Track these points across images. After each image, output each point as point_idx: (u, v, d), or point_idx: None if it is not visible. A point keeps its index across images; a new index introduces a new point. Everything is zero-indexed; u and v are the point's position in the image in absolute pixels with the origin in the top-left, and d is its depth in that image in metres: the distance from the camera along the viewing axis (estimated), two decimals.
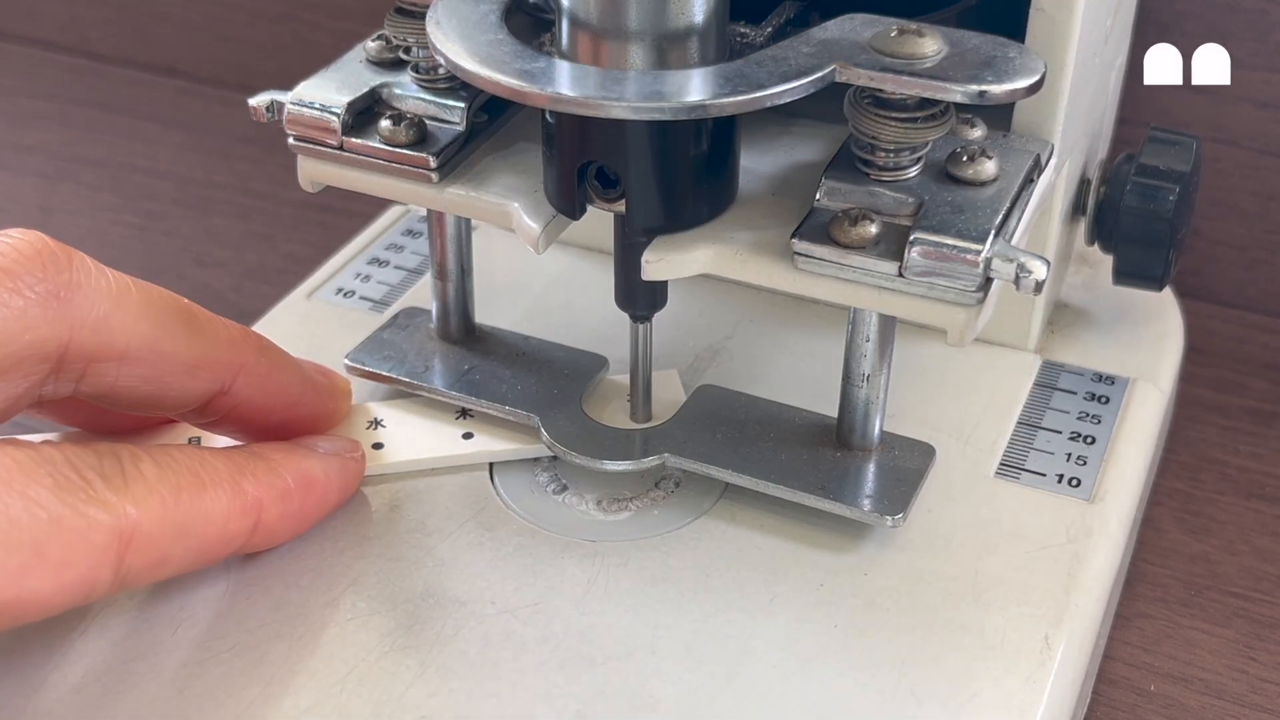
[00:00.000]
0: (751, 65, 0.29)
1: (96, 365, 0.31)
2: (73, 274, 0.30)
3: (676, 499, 0.35)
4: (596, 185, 0.32)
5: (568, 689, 0.30)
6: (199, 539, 0.30)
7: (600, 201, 0.32)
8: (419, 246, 0.45)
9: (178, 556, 0.29)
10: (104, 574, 0.28)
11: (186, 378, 0.32)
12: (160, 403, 0.32)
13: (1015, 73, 0.29)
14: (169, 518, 0.29)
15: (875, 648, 0.31)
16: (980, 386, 0.39)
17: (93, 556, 0.27)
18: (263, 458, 0.32)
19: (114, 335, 0.31)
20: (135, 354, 0.31)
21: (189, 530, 0.29)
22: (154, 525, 0.28)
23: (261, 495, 0.31)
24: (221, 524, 0.30)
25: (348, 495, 0.35)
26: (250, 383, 0.33)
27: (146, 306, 0.31)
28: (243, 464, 0.31)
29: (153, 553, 0.29)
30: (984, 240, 0.30)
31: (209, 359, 0.32)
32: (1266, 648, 0.38)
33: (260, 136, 0.57)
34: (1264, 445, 0.44)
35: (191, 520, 0.29)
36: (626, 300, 0.34)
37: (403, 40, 0.34)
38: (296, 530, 0.33)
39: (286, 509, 0.32)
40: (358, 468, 0.35)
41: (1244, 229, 0.50)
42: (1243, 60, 0.47)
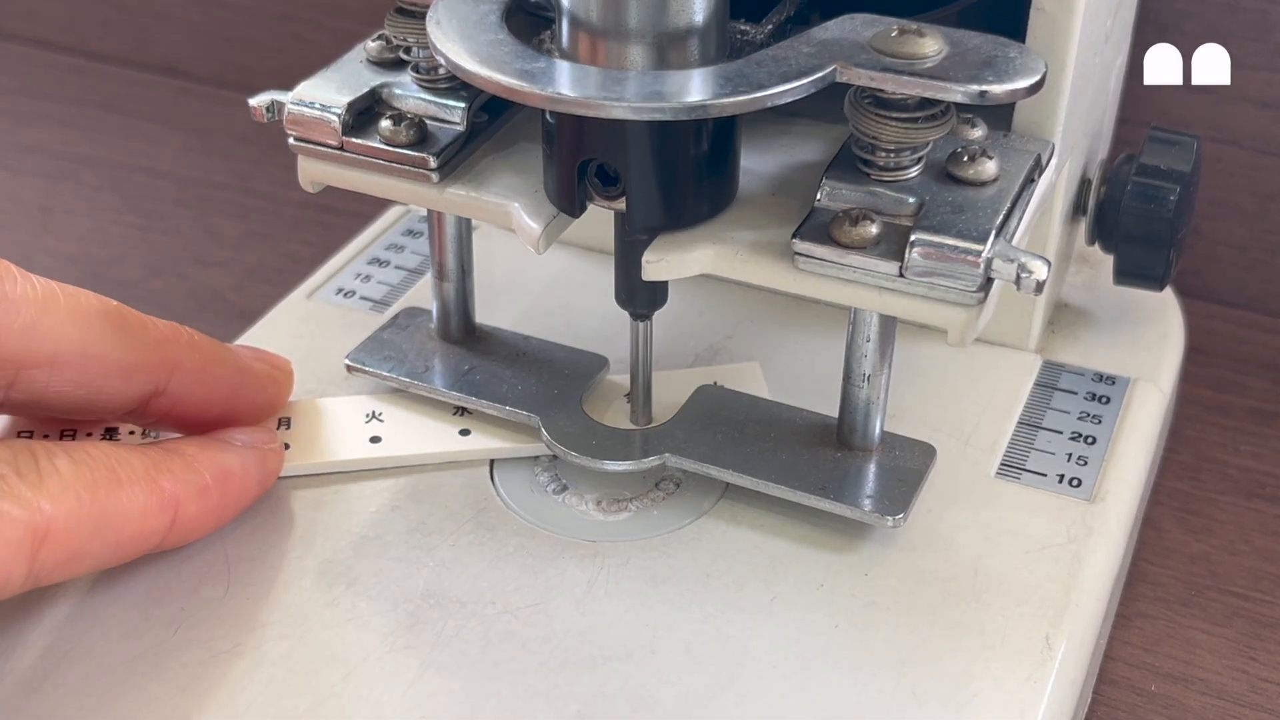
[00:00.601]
0: (752, 65, 0.29)
1: (26, 372, 0.31)
2: None
3: (676, 499, 0.35)
4: (596, 183, 0.32)
5: (568, 689, 0.30)
6: (115, 535, 0.30)
7: (600, 199, 0.32)
8: (419, 246, 0.45)
9: (93, 553, 0.29)
10: (17, 569, 0.28)
11: (119, 380, 0.32)
12: (94, 407, 0.32)
13: (1016, 73, 0.29)
14: (85, 514, 0.29)
15: (875, 648, 0.31)
16: (981, 387, 0.39)
17: (6, 552, 0.27)
18: (180, 454, 0.32)
19: (41, 341, 0.31)
20: (64, 359, 0.31)
21: (105, 527, 0.29)
22: (69, 521, 0.28)
23: (178, 492, 0.31)
24: (138, 521, 0.30)
25: (266, 487, 0.34)
26: (185, 380, 0.33)
27: (74, 311, 0.31)
28: (159, 461, 0.31)
29: (67, 549, 0.29)
30: (985, 240, 0.30)
31: (141, 360, 0.32)
32: (1267, 648, 0.38)
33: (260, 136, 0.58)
34: (1264, 445, 0.44)
35: (107, 517, 0.29)
36: (626, 298, 0.34)
37: (403, 40, 0.34)
38: (214, 525, 0.33)
39: (204, 505, 0.32)
40: (276, 459, 0.35)
41: (1244, 229, 0.50)
42: (1243, 60, 0.47)
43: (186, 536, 0.32)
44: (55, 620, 0.32)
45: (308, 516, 0.35)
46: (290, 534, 0.34)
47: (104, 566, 0.31)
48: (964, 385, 0.39)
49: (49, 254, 0.54)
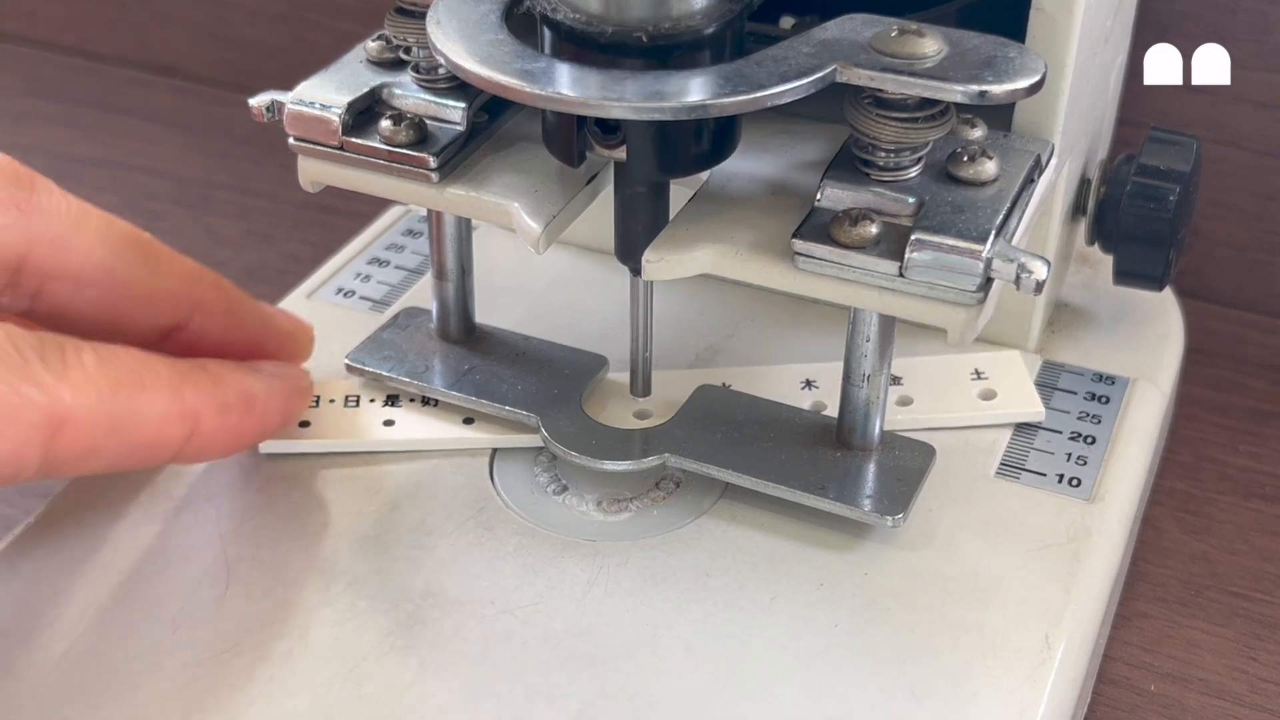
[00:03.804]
0: (751, 65, 0.29)
1: (52, 284, 0.32)
2: (34, 192, 0.31)
3: (676, 499, 0.35)
4: (596, 131, 0.32)
5: (568, 689, 0.30)
6: (132, 437, 0.30)
7: (600, 148, 0.32)
8: (419, 246, 0.45)
9: (109, 451, 0.29)
10: (32, 454, 0.28)
11: (141, 307, 0.33)
12: (115, 330, 0.33)
13: (1015, 73, 0.29)
14: (104, 409, 0.29)
15: (875, 647, 0.31)
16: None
17: (22, 434, 0.27)
18: (206, 369, 0.32)
19: (70, 255, 0.31)
20: (90, 277, 0.32)
21: (123, 426, 0.29)
22: (88, 414, 0.28)
23: (201, 405, 0.31)
24: (156, 426, 0.30)
25: (290, 420, 0.35)
26: (208, 320, 0.34)
27: (105, 233, 0.32)
28: (185, 372, 0.31)
29: (84, 442, 0.29)
30: (984, 240, 0.30)
31: (165, 291, 0.33)
32: (1266, 647, 0.38)
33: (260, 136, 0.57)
34: (1264, 445, 0.44)
35: (126, 416, 0.29)
36: (626, 252, 0.34)
37: (403, 40, 0.34)
38: (232, 447, 0.33)
39: (224, 422, 0.32)
40: (303, 394, 0.35)
41: (1244, 229, 0.50)
42: (1243, 61, 0.47)
43: (203, 453, 0.32)
44: (56, 620, 0.32)
45: (308, 516, 0.35)
46: (290, 534, 0.34)
47: (120, 468, 0.31)
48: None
49: None
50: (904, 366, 0.38)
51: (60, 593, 0.33)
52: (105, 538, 0.34)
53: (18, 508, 0.41)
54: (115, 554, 0.34)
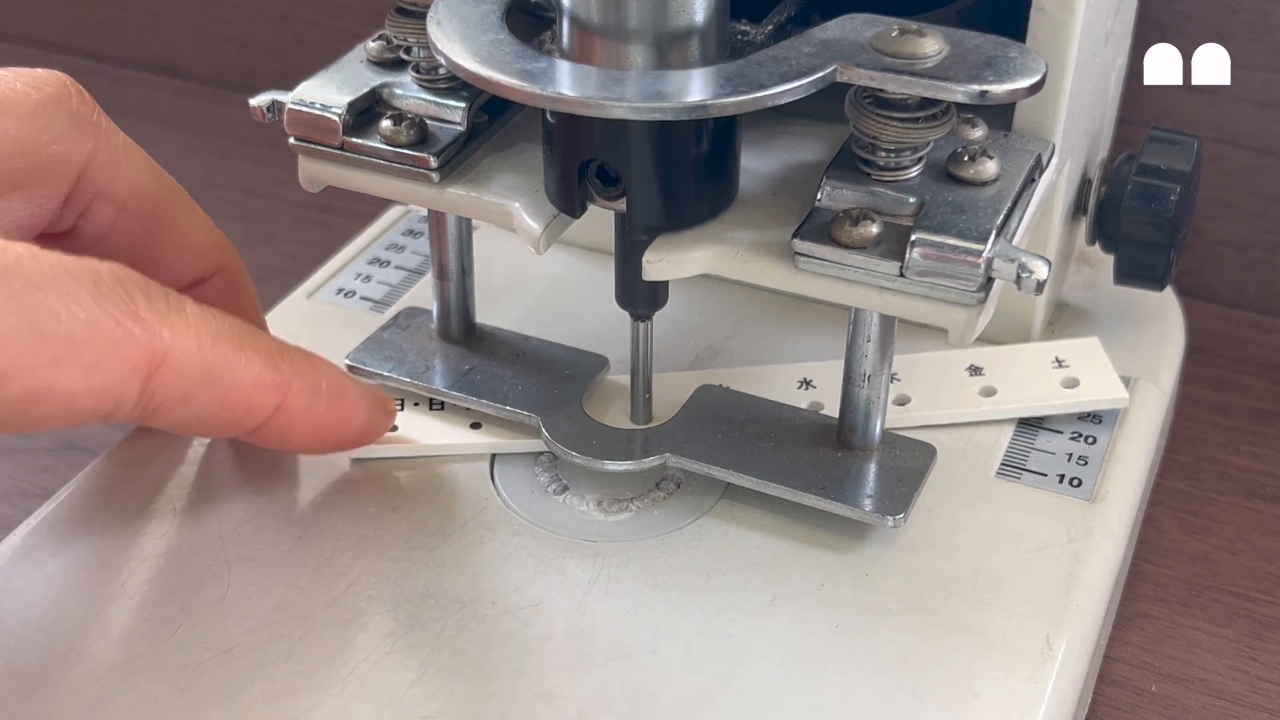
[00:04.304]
0: (752, 65, 0.29)
1: (100, 203, 0.33)
2: (95, 111, 0.33)
3: (677, 499, 0.35)
4: (597, 183, 0.32)
5: (568, 689, 0.30)
6: (224, 392, 0.30)
7: (601, 199, 0.32)
8: (419, 246, 0.45)
9: (201, 402, 0.30)
10: (130, 389, 0.28)
11: (172, 251, 0.35)
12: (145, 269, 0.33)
13: (1016, 73, 0.29)
14: (202, 357, 0.29)
15: (876, 648, 0.31)
16: None
17: (123, 369, 0.28)
18: (305, 353, 0.33)
19: (121, 178, 0.33)
20: (135, 206, 0.34)
21: (217, 378, 0.30)
22: (186, 358, 0.29)
23: (294, 379, 0.32)
24: (250, 388, 0.31)
25: (372, 434, 0.35)
26: (221, 288, 0.36)
27: (154, 169, 0.35)
28: (284, 347, 0.32)
29: (179, 386, 0.29)
30: (985, 240, 0.30)
31: (197, 245, 0.35)
32: (1267, 648, 0.38)
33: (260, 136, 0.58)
34: (1264, 445, 0.44)
35: (222, 369, 0.30)
36: (627, 299, 0.34)
37: (403, 40, 0.34)
38: (313, 435, 0.33)
39: (313, 405, 0.32)
40: (388, 414, 0.35)
41: (1244, 229, 0.50)
42: (1243, 60, 0.47)
43: (287, 432, 0.32)
44: (56, 620, 0.32)
45: (308, 516, 0.35)
46: (290, 534, 0.34)
47: (208, 427, 0.31)
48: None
49: None
50: (984, 357, 0.38)
51: (61, 593, 0.33)
52: (106, 538, 0.34)
53: (17, 508, 0.41)
54: (115, 554, 0.34)
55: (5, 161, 0.31)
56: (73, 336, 0.27)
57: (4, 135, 0.31)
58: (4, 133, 0.31)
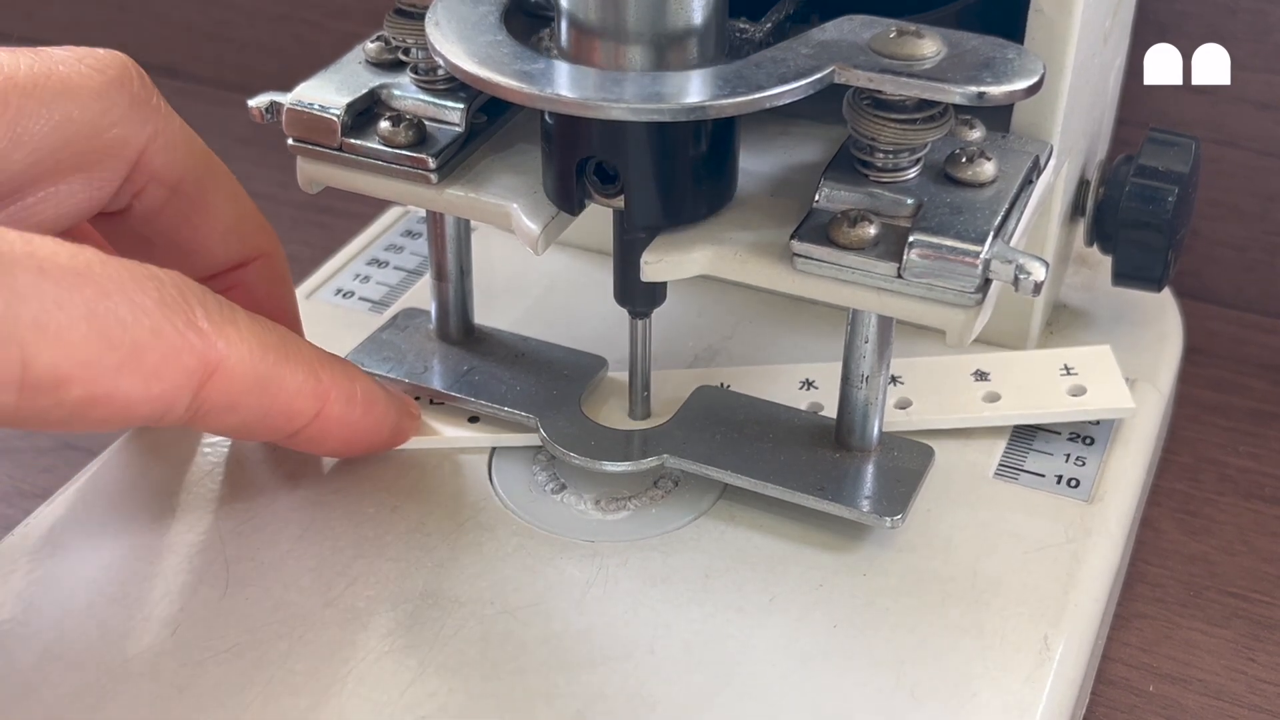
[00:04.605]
0: (750, 66, 0.29)
1: (152, 187, 0.34)
2: (153, 94, 0.33)
3: (675, 499, 0.35)
4: (595, 180, 0.32)
5: (568, 689, 0.30)
6: (269, 401, 0.31)
7: (599, 197, 0.32)
8: (418, 247, 0.45)
9: (248, 409, 0.31)
10: (183, 397, 0.29)
11: (218, 236, 0.35)
12: (188, 252, 0.35)
13: (1014, 74, 0.29)
14: (252, 368, 0.30)
15: (874, 648, 0.31)
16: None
17: (180, 376, 0.29)
18: (342, 362, 0.34)
19: (176, 162, 0.34)
20: (186, 189, 0.34)
21: (264, 388, 0.31)
22: (237, 368, 0.30)
23: (332, 388, 0.33)
24: (292, 396, 0.31)
25: (399, 439, 0.36)
26: (263, 273, 0.36)
27: (205, 153, 0.35)
28: (325, 357, 0.33)
29: (228, 394, 0.30)
30: (983, 241, 0.30)
31: (241, 229, 0.36)
32: (1265, 648, 0.38)
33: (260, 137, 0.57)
34: (1263, 446, 0.44)
35: (269, 379, 0.31)
36: (625, 296, 0.34)
37: (402, 41, 0.34)
38: (347, 441, 0.34)
39: (347, 413, 0.33)
40: (413, 419, 0.36)
41: (1243, 229, 0.50)
42: (1242, 61, 0.47)
43: (322, 437, 0.33)
44: (56, 620, 0.32)
45: (307, 516, 0.35)
46: (290, 534, 0.34)
47: (251, 431, 0.32)
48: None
49: None
50: (990, 362, 0.38)
51: (60, 593, 0.33)
52: (105, 538, 0.34)
53: (17, 508, 0.41)
54: (115, 554, 0.34)
55: (68, 145, 0.31)
56: (137, 344, 0.28)
57: (67, 119, 0.31)
58: (67, 116, 0.31)
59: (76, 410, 0.27)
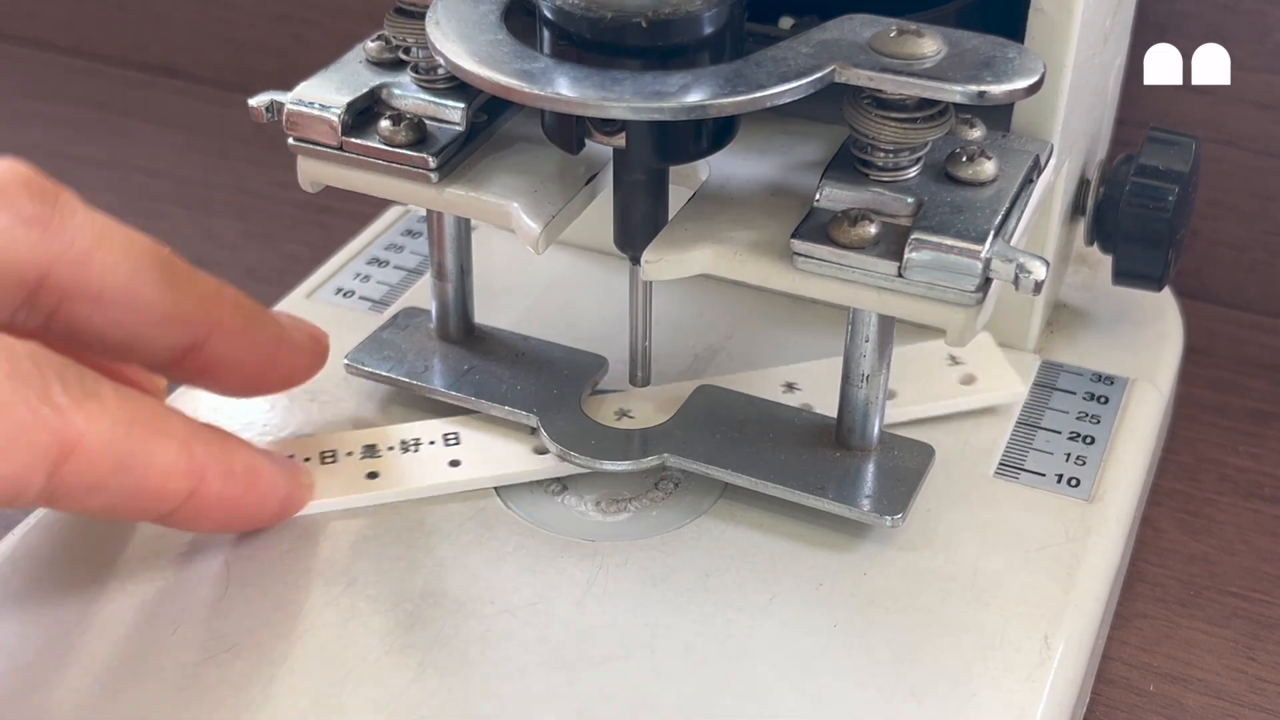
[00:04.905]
0: (751, 65, 0.29)
1: (70, 302, 0.31)
2: (58, 208, 0.30)
3: (676, 499, 0.35)
4: (595, 119, 0.31)
5: (568, 689, 0.30)
6: (137, 480, 0.29)
7: (599, 136, 0.32)
8: (418, 246, 0.45)
9: (111, 490, 0.29)
10: (36, 478, 0.27)
11: (159, 328, 0.32)
12: (130, 351, 0.32)
13: (1014, 73, 0.29)
14: (114, 446, 0.28)
15: (875, 647, 0.31)
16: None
17: (28, 457, 0.27)
18: (220, 434, 0.32)
19: (92, 273, 0.31)
20: (110, 296, 0.31)
21: (130, 467, 0.29)
22: (98, 446, 0.28)
23: (209, 465, 0.31)
24: (162, 476, 0.30)
25: (288, 511, 0.34)
26: (225, 340, 0.33)
27: (127, 250, 0.31)
28: (199, 430, 0.31)
29: (89, 475, 0.28)
30: (983, 240, 0.30)
31: (184, 312, 0.32)
32: (1265, 648, 0.38)
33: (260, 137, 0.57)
34: (1263, 445, 0.44)
35: (135, 457, 0.29)
36: (625, 241, 0.34)
37: (402, 40, 0.34)
38: (227, 522, 0.32)
39: (226, 491, 0.31)
40: (306, 489, 0.34)
41: (1243, 229, 0.50)
42: (1242, 61, 0.47)
43: (199, 516, 0.31)
44: (55, 620, 0.32)
45: (307, 516, 0.35)
46: (290, 534, 0.34)
47: (118, 513, 0.30)
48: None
49: None
50: None
51: (60, 593, 0.33)
52: (105, 538, 0.34)
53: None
54: (115, 554, 0.34)
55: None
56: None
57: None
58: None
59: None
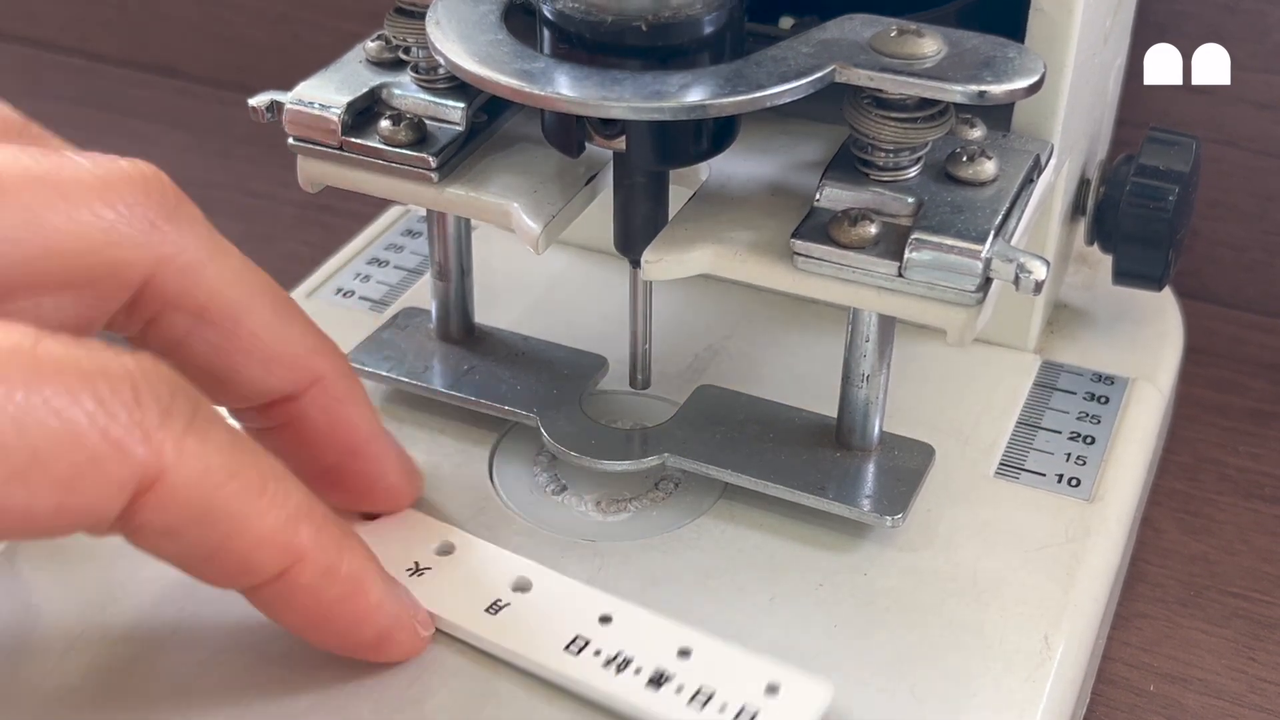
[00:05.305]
0: (751, 65, 0.29)
1: (171, 313, 0.29)
2: (175, 213, 0.29)
3: (676, 499, 0.35)
4: (595, 122, 0.31)
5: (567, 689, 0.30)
6: (220, 539, 0.26)
7: (599, 139, 0.32)
8: (418, 246, 0.45)
9: (188, 541, 0.26)
10: (111, 508, 0.25)
11: (258, 365, 0.30)
12: (224, 383, 0.30)
13: (1015, 73, 0.29)
14: (203, 493, 0.25)
15: (874, 647, 0.31)
16: (980, 386, 0.39)
17: (105, 489, 0.24)
18: (342, 529, 0.29)
19: (199, 287, 0.29)
20: (214, 317, 0.29)
21: (214, 521, 0.26)
22: (182, 488, 0.25)
23: (309, 551, 0.27)
24: (252, 543, 0.27)
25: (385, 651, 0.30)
26: (320, 402, 0.31)
27: (242, 274, 0.30)
28: (318, 512, 0.28)
29: (166, 516, 0.25)
30: (984, 240, 0.30)
31: (288, 354, 0.30)
32: (1265, 648, 0.38)
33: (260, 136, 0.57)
34: (1263, 445, 0.44)
35: (223, 513, 0.26)
36: (625, 244, 0.34)
37: (402, 40, 0.34)
38: (312, 622, 0.29)
39: (320, 586, 0.28)
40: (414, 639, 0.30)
41: (1243, 229, 0.50)
42: (1242, 61, 0.47)
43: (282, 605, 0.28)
44: (55, 620, 0.32)
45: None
46: None
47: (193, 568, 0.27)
48: (963, 385, 0.39)
49: None
50: None
51: (60, 593, 0.33)
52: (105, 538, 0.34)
53: None
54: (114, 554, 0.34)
55: (50, 258, 0.27)
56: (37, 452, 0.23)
57: (54, 229, 0.27)
58: (54, 226, 0.27)
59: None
